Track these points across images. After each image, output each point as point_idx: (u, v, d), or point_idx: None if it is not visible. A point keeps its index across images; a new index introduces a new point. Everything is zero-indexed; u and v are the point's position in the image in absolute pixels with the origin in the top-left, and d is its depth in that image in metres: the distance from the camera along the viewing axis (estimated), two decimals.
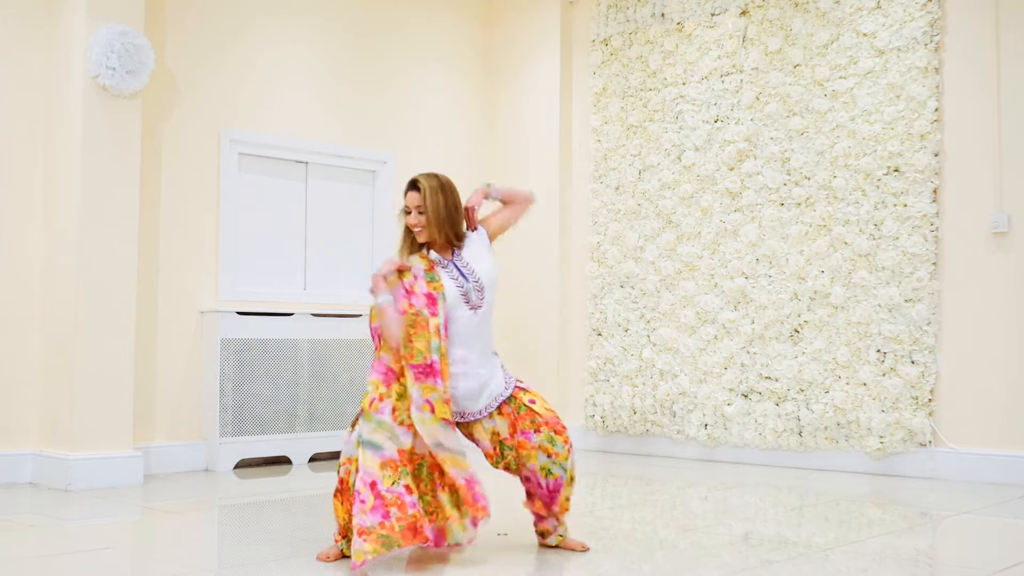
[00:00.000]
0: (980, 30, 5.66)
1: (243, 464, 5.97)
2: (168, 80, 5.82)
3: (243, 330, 5.90)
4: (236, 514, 4.80)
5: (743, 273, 6.33)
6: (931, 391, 5.68)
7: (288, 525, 4.22)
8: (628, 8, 6.99)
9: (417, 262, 3.71)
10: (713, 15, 6.59)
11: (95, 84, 5.25)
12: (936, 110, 5.72)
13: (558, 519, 3.76)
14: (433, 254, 3.74)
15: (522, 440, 3.64)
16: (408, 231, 3.76)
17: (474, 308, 3.68)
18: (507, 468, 3.69)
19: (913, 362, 5.71)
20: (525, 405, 3.67)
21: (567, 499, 3.72)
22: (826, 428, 5.96)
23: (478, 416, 3.68)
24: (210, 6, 6.05)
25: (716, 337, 6.41)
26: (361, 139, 6.77)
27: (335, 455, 6.08)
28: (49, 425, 5.31)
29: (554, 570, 3.53)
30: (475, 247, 3.80)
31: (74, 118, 5.26)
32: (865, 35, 5.97)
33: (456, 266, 3.73)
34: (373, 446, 3.46)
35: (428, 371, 3.54)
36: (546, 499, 3.69)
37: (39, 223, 5.43)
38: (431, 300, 3.61)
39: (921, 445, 5.69)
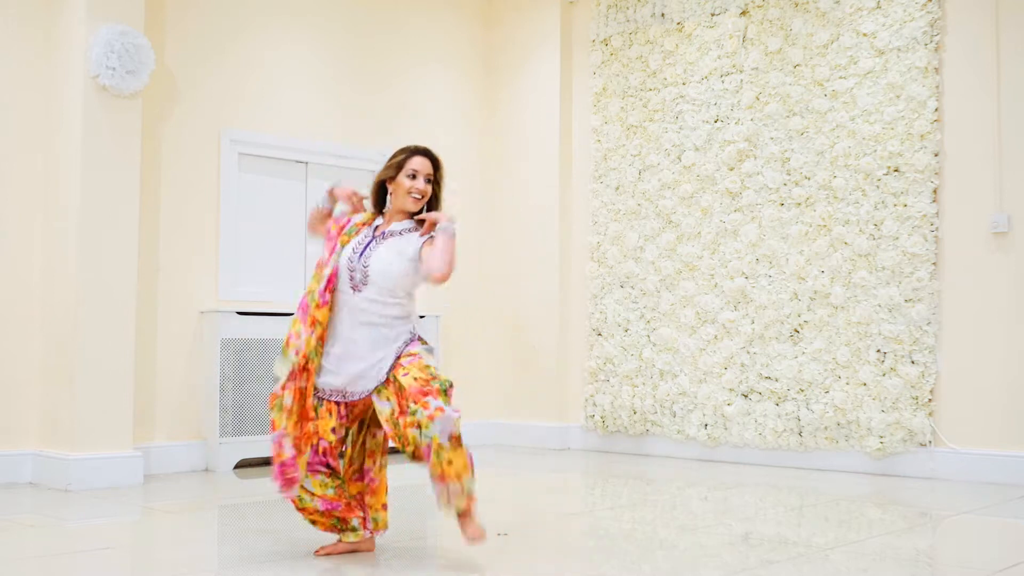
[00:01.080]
0: (980, 30, 5.66)
1: (243, 464, 5.96)
2: (168, 80, 5.82)
3: (243, 330, 5.90)
4: (236, 514, 4.80)
5: (743, 273, 6.32)
6: (931, 391, 5.68)
7: (288, 525, 4.22)
8: (628, 8, 6.98)
9: (363, 216, 3.63)
10: (713, 15, 6.58)
11: (95, 84, 5.25)
12: (936, 110, 5.72)
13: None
14: (379, 220, 3.60)
15: (405, 419, 3.33)
16: (380, 190, 3.61)
17: (355, 288, 3.46)
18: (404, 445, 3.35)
19: (913, 362, 5.71)
20: (400, 383, 3.37)
21: (448, 463, 3.26)
22: (826, 428, 5.95)
23: (358, 397, 3.46)
24: (210, 6, 6.05)
25: (716, 337, 6.41)
26: (361, 139, 6.77)
27: None
28: (49, 425, 5.30)
29: (554, 571, 3.52)
30: (401, 244, 3.51)
31: (74, 118, 5.26)
32: (865, 35, 5.97)
33: (371, 242, 3.54)
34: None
35: (302, 307, 3.54)
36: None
37: (39, 223, 5.43)
38: (332, 250, 3.54)
39: (921, 445, 5.69)
